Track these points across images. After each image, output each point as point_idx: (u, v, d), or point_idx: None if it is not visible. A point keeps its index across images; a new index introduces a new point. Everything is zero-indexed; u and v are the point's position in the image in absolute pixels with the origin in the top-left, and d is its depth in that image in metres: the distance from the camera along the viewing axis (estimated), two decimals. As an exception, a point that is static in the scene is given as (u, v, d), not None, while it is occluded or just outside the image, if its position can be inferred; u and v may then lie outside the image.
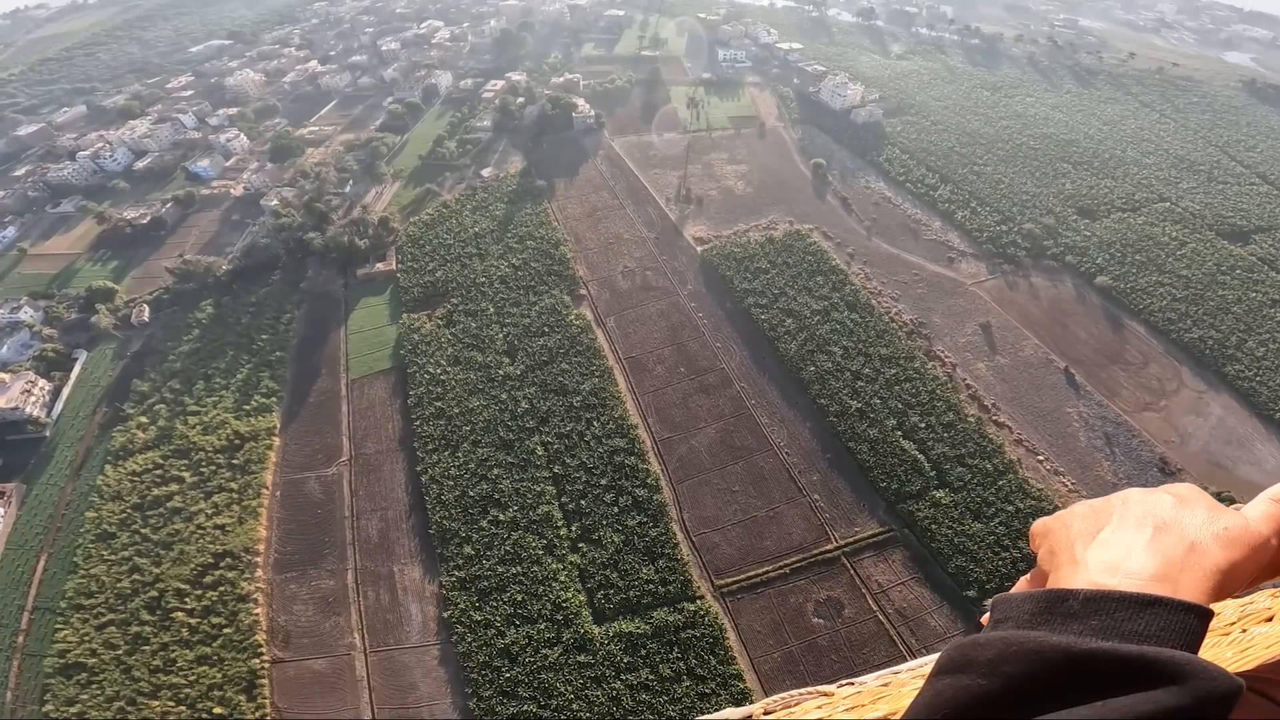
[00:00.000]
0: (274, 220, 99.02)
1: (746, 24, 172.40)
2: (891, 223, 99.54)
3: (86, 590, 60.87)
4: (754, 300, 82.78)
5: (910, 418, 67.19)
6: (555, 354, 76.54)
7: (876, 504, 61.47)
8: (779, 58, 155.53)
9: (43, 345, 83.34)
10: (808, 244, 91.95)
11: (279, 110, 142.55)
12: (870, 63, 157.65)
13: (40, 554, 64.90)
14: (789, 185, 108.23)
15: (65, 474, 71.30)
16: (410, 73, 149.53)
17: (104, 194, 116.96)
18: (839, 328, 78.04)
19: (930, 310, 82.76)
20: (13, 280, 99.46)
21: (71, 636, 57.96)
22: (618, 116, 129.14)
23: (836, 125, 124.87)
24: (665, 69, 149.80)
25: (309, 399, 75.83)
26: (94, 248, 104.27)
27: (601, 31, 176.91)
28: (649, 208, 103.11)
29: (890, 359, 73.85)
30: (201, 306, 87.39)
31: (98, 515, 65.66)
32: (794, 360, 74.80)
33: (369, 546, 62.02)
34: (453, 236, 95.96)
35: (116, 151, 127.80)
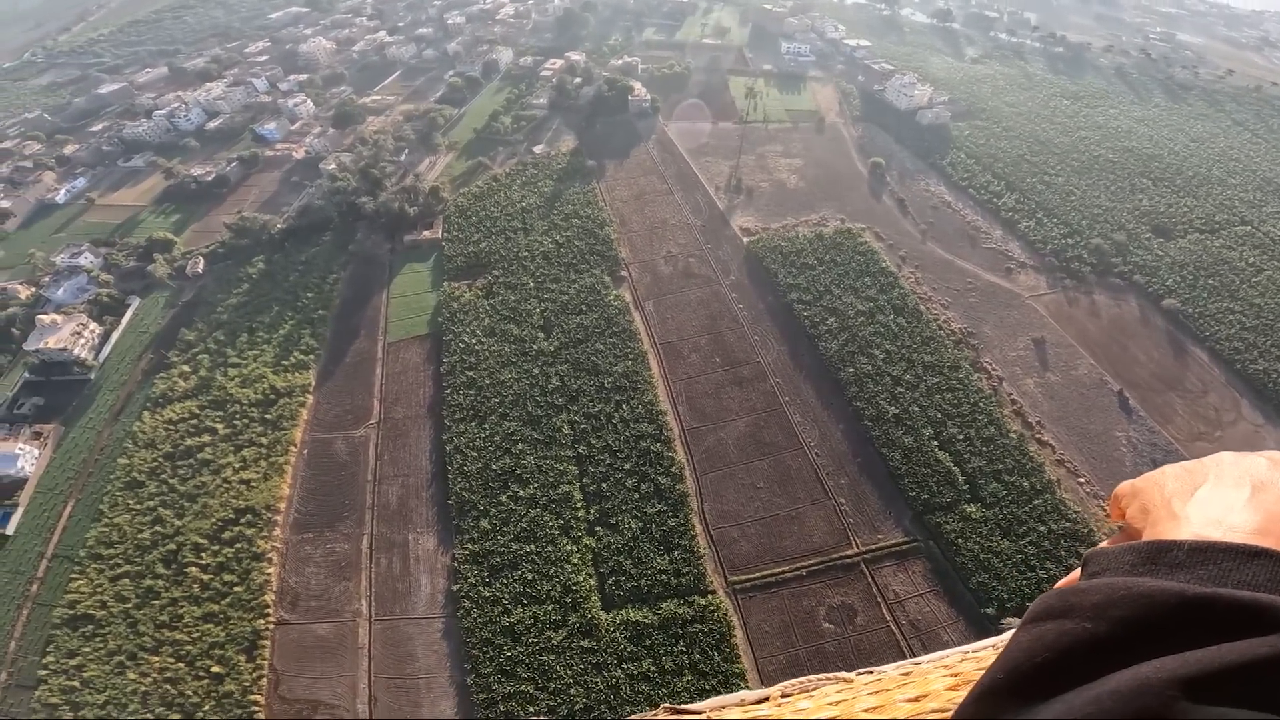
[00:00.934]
0: (330, 183, 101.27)
1: (813, 18, 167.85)
2: (949, 228, 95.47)
3: (108, 540, 61.75)
4: (797, 296, 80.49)
5: (948, 428, 64.48)
6: (591, 333, 75.93)
7: (903, 513, 59.22)
8: (844, 54, 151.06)
9: (99, 290, 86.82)
10: (858, 243, 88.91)
11: (345, 78, 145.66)
12: (941, 65, 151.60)
13: (69, 499, 66.48)
14: (844, 182, 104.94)
15: (104, 418, 73.34)
16: (473, 47, 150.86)
17: (175, 151, 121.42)
18: (883, 331, 75.27)
19: (981, 321, 79.15)
20: (78, 227, 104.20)
21: (85, 587, 58.66)
22: (673, 102, 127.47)
23: (899, 125, 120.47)
24: (725, 58, 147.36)
25: (345, 359, 77.02)
26: (158, 201, 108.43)
27: (664, 17, 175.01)
28: (698, 195, 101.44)
29: (934, 367, 70.92)
30: (253, 262, 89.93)
31: (129, 462, 67.04)
32: (833, 360, 72.44)
33: (387, 513, 62.17)
34: (500, 210, 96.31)
35: (191, 111, 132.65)
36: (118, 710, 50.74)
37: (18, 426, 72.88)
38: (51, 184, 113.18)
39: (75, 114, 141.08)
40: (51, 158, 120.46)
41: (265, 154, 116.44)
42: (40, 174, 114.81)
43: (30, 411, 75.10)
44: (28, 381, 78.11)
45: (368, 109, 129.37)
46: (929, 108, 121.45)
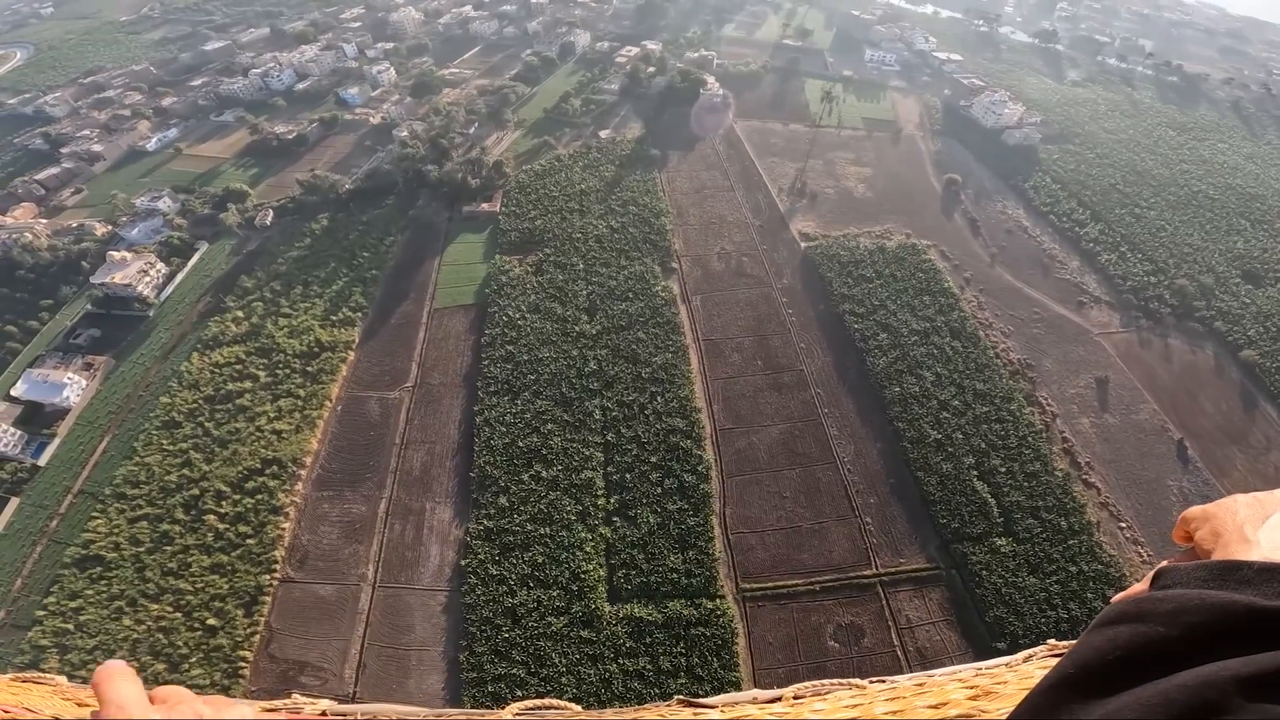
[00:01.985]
0: (400, 149, 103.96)
1: (903, 28, 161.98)
2: (1022, 254, 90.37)
3: (135, 479, 62.80)
4: (850, 307, 77.54)
5: (991, 459, 61.49)
6: (634, 321, 75.04)
7: (930, 539, 56.73)
8: (932, 66, 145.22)
9: (171, 233, 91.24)
10: (921, 260, 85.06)
11: (428, 49, 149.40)
12: (1038, 85, 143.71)
13: (106, 434, 68.54)
14: (913, 196, 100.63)
15: (155, 355, 76.31)
16: (552, 28, 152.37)
17: (263, 109, 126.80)
18: (936, 352, 71.86)
19: (1043, 354, 74.83)
20: (163, 174, 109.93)
21: (103, 527, 59.46)
22: (745, 99, 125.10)
23: (983, 143, 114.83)
24: (805, 60, 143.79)
25: (391, 320, 78.42)
26: (241, 155, 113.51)
27: (746, 14, 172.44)
28: (759, 195, 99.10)
29: (985, 395, 67.52)
30: (318, 219, 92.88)
31: (171, 402, 69.12)
32: (880, 376, 69.52)
33: (409, 478, 62.33)
34: (559, 189, 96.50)
35: (283, 72, 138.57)
36: (104, 655, 50.66)
37: (71, 356, 76.75)
38: (145, 132, 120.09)
39: (179, 68, 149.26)
40: (149, 108, 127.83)
41: (344, 117, 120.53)
42: (136, 122, 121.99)
43: (85, 343, 79.13)
44: (88, 314, 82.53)
45: (445, 81, 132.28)
46: (1017, 127, 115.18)
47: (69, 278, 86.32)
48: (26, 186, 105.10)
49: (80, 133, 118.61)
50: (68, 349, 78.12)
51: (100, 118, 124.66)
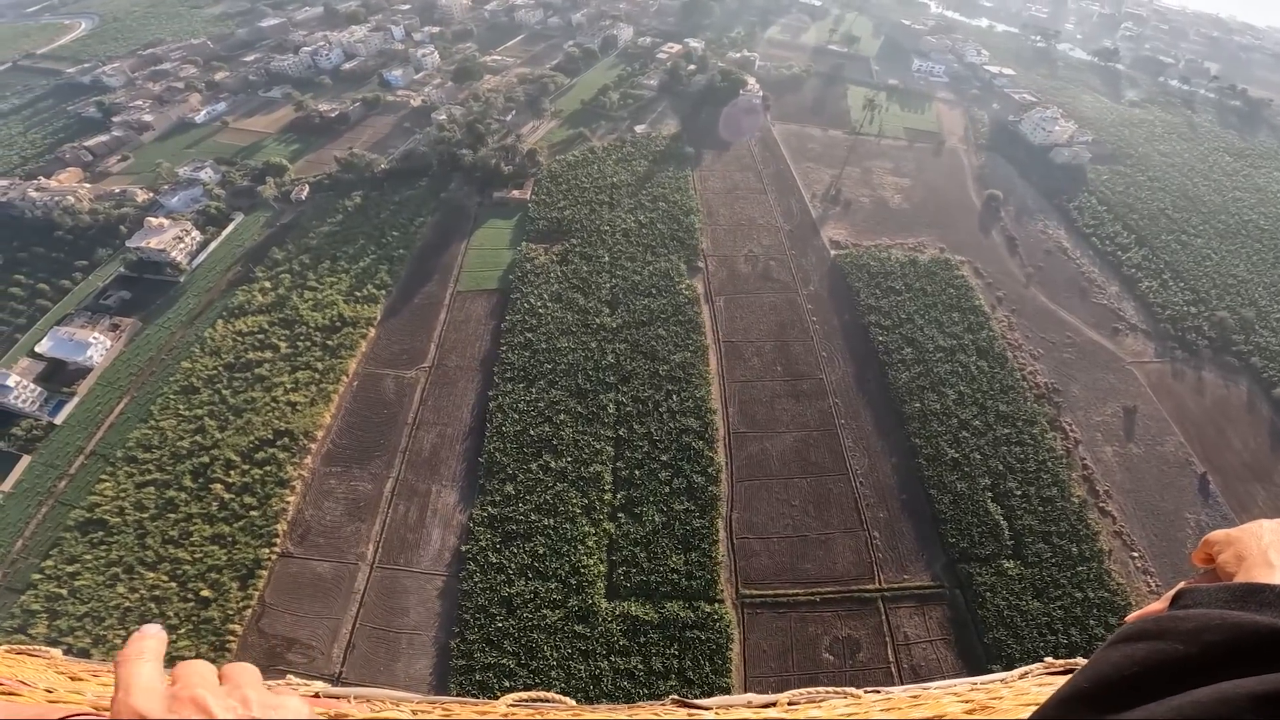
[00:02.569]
0: (437, 132, 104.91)
1: (954, 39, 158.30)
2: (1059, 276, 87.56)
3: (148, 443, 63.20)
4: (876, 319, 75.88)
5: (1007, 482, 60.33)
6: (656, 317, 74.50)
7: (936, 557, 55.73)
8: (982, 80, 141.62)
9: (209, 202, 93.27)
10: (954, 275, 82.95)
11: (473, 35, 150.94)
12: (1093, 103, 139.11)
13: (125, 396, 69.35)
14: (951, 211, 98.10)
15: (181, 320, 77.77)
16: (595, 21, 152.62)
17: (309, 87, 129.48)
18: (961, 371, 70.19)
19: (1071, 379, 72.74)
20: (208, 145, 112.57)
21: (110, 490, 59.61)
22: (785, 103, 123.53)
23: (1029, 160, 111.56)
24: (849, 67, 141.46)
25: (414, 300, 79.06)
26: (284, 130, 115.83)
27: (791, 17, 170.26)
28: (792, 199, 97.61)
29: (1007, 417, 65.97)
30: (352, 196, 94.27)
31: (191, 367, 70.10)
32: (900, 391, 68.02)
33: (418, 459, 62.37)
34: (590, 181, 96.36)
35: (332, 51, 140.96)
36: (93, 623, 51.12)
37: (99, 316, 78.73)
38: (195, 105, 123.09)
39: (235, 44, 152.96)
40: (202, 81, 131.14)
41: (386, 98, 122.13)
42: (188, 95, 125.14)
43: (115, 304, 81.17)
44: (121, 276, 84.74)
45: (487, 67, 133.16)
46: (1067, 146, 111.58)
47: (106, 241, 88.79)
48: (74, 152, 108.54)
49: (133, 103, 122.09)
50: (97, 309, 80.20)
51: (155, 89, 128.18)
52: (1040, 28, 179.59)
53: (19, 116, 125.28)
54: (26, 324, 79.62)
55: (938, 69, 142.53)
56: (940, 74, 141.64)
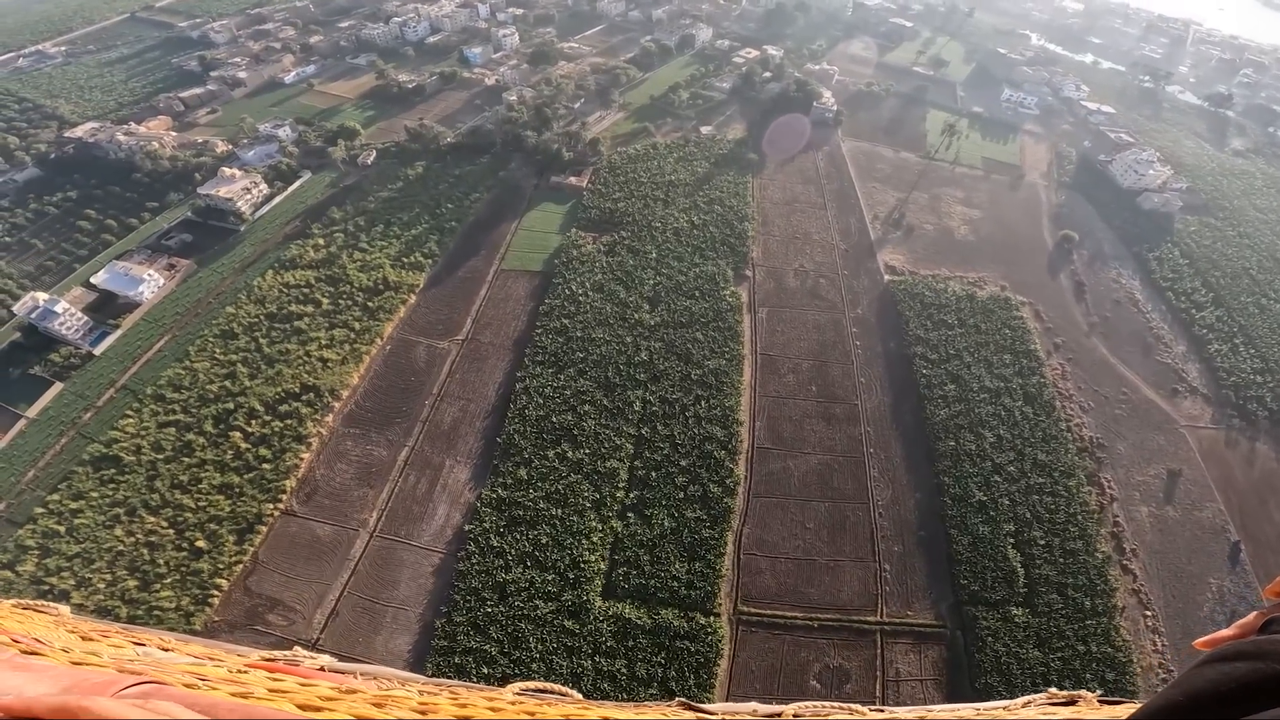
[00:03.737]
0: (505, 112, 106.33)
1: (1053, 71, 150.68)
2: (1125, 328, 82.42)
3: (179, 383, 64.24)
4: (922, 351, 72.82)
5: (1032, 530, 58.27)
6: (695, 320, 73.45)
7: (944, 597, 53.93)
8: (1077, 115, 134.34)
9: (282, 159, 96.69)
10: (1012, 316, 78.96)
11: (554, 20, 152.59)
12: (1193, 150, 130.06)
13: (166, 334, 71.12)
14: (1019, 248, 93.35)
15: (234, 267, 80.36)
16: (676, 18, 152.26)
17: (393, 57, 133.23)
18: (1003, 415, 67.11)
19: (1119, 436, 68.89)
20: (291, 105, 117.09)
21: (131, 427, 60.41)
22: (859, 120, 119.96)
23: (1113, 203, 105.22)
24: (933, 90, 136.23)
25: (458, 272, 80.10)
26: (363, 97, 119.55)
27: (879, 35, 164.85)
28: (851, 218, 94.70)
29: (1044, 467, 63.17)
30: (415, 165, 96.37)
31: (235, 312, 71.99)
32: (937, 427, 65.36)
33: (437, 431, 62.50)
34: (648, 176, 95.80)
35: (420, 24, 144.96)
36: (82, 565, 51.52)
37: (158, 255, 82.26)
38: (287, 65, 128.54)
39: (334, 9, 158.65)
40: (298, 44, 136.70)
41: (463, 74, 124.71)
42: (282, 56, 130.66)
43: (176, 245, 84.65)
44: (186, 220, 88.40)
45: (562, 53, 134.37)
46: (1157, 191, 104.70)
47: (179, 186, 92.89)
48: (168, 102, 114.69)
49: (232, 59, 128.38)
50: (157, 248, 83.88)
51: (254, 48, 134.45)
52: (1151, 68, 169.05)
53: (125, 65, 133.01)
54: (88, 256, 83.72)
55: (1029, 100, 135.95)
56: (1031, 105, 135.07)
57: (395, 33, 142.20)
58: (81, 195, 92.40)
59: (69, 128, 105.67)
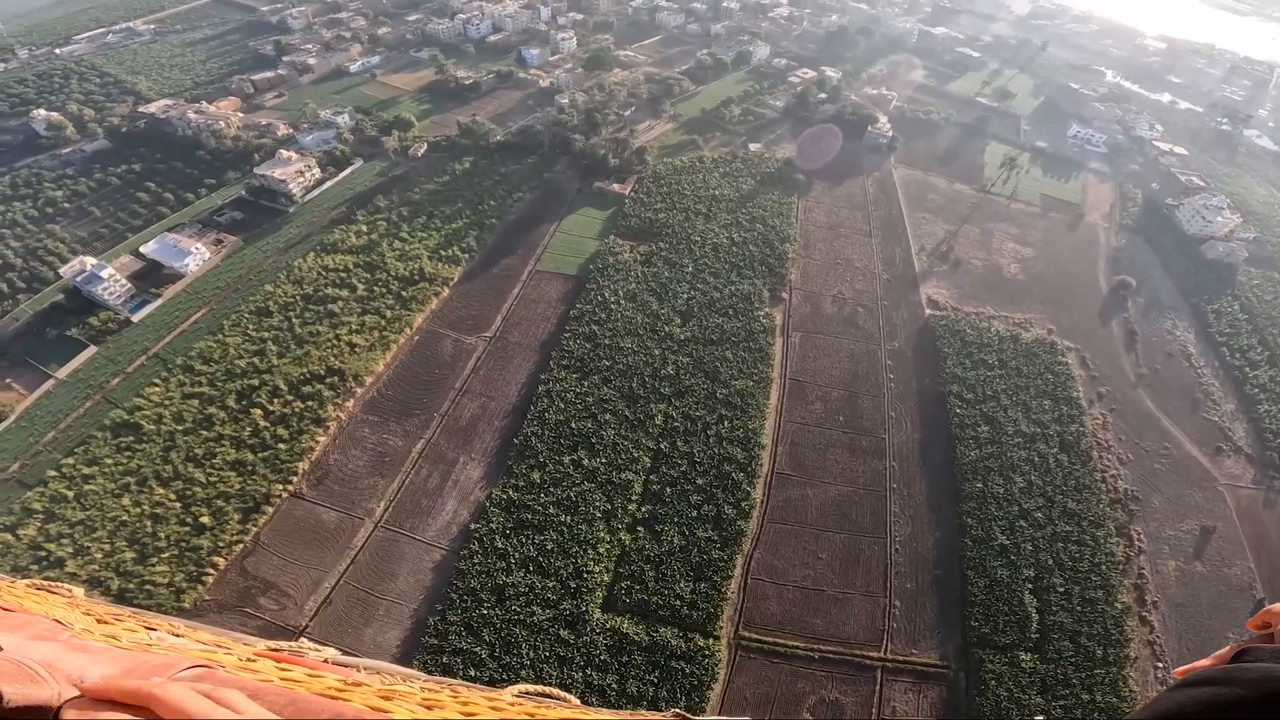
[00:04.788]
0: (556, 114, 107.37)
1: (1125, 109, 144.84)
2: (1174, 381, 78.57)
3: (209, 355, 65.38)
4: (958, 389, 70.41)
5: (1052, 577, 56.56)
6: (726, 338, 72.52)
7: (952, 638, 52.37)
8: (1147, 156, 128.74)
9: (337, 145, 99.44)
10: (1056, 361, 75.88)
11: (612, 28, 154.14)
12: (1265, 198, 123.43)
13: (204, 307, 72.81)
14: (1071, 291, 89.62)
15: (278, 247, 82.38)
16: (734, 34, 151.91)
17: (454, 53, 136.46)
18: (1037, 461, 64.79)
19: (1155, 490, 66.20)
20: (353, 94, 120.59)
21: (156, 396, 61.22)
22: (914, 148, 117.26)
23: (1176, 250, 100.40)
24: (996, 122, 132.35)
25: (492, 269, 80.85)
26: (421, 90, 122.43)
27: (943, 64, 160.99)
28: (897, 248, 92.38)
29: (1073, 515, 61.14)
30: (462, 160, 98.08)
31: (272, 290, 73.58)
32: (965, 468, 63.31)
33: (454, 427, 62.57)
34: (692, 189, 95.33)
35: (483, 23, 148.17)
36: (83, 533, 51.97)
37: (208, 230, 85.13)
38: (354, 55, 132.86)
39: (404, 2, 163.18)
40: (367, 35, 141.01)
41: (519, 74, 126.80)
42: (351, 45, 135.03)
43: (226, 222, 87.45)
44: (240, 199, 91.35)
45: (618, 60, 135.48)
46: (1223, 240, 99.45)
47: (239, 166, 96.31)
48: (240, 84, 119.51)
49: (304, 45, 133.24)
50: (208, 223, 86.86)
51: (326, 36, 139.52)
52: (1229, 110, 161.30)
53: (206, 46, 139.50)
54: (141, 226, 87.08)
55: (1097, 138, 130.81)
56: (1098, 143, 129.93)
57: (459, 29, 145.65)
58: (145, 168, 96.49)
59: (144, 103, 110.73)
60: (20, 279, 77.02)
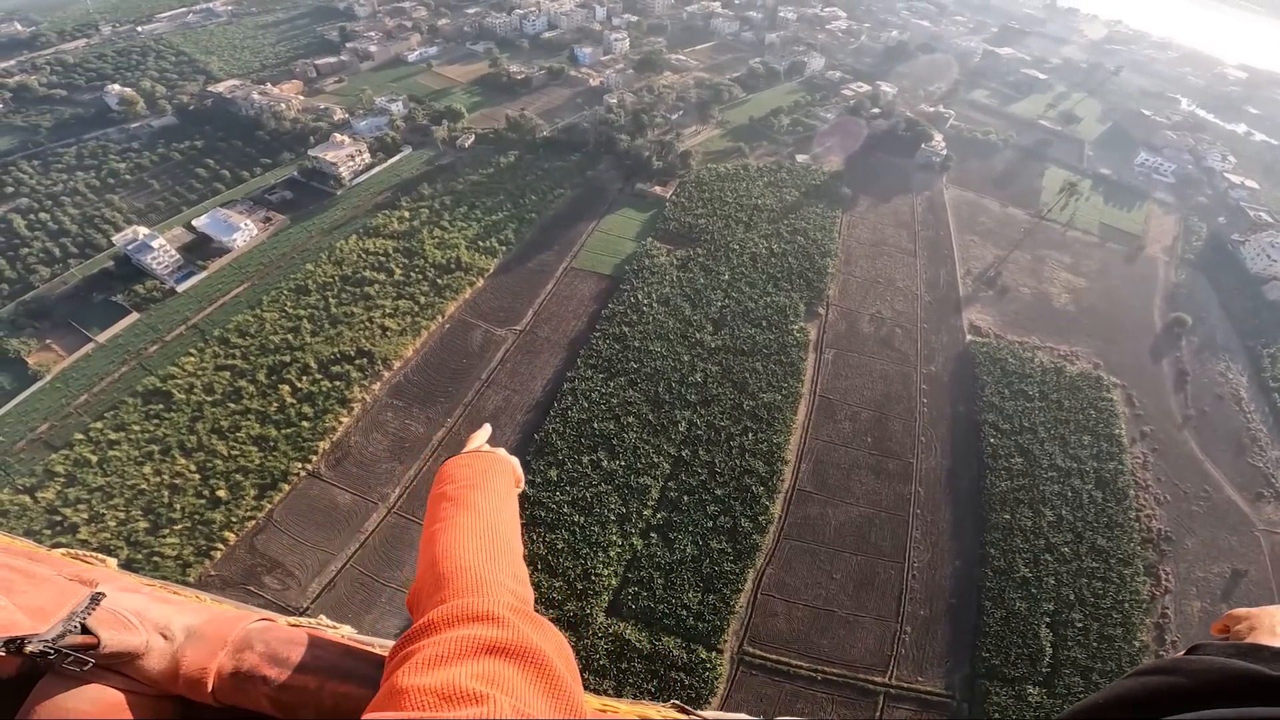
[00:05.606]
0: (603, 113, 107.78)
1: (1198, 139, 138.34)
2: (1221, 425, 74.77)
3: (244, 329, 66.53)
4: (994, 419, 68.10)
5: (1071, 613, 54.93)
6: (758, 349, 71.45)
7: (960, 668, 50.99)
8: (1217, 188, 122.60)
9: (389, 132, 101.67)
10: (1101, 397, 72.82)
11: (665, 31, 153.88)
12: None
13: (245, 282, 74.46)
14: (1123, 326, 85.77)
15: (323, 228, 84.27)
16: (789, 44, 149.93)
17: (508, 47, 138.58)
18: (1069, 496, 62.72)
19: (1189, 531, 63.61)
20: (408, 83, 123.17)
21: (190, 365, 62.25)
22: (968, 168, 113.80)
23: (1238, 289, 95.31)
24: (1058, 146, 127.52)
25: (528, 263, 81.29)
26: (473, 83, 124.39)
27: (1006, 85, 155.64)
28: (942, 270, 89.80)
29: (1101, 552, 59.21)
30: (508, 154, 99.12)
31: (313, 269, 75.19)
32: (994, 499, 61.42)
33: (477, 417, 62.45)
34: (734, 197, 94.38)
35: (539, 19, 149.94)
36: (100, 500, 52.46)
37: (258, 207, 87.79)
38: (413, 45, 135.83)
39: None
40: (426, 25, 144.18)
41: (569, 72, 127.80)
42: (411, 35, 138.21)
43: (276, 200, 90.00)
44: (292, 179, 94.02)
45: (669, 64, 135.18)
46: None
47: (294, 147, 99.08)
48: (304, 68, 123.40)
49: (366, 33, 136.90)
50: (259, 201, 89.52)
51: (388, 25, 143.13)
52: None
53: (277, 29, 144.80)
54: (196, 200, 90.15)
55: (1165, 167, 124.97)
56: (1166, 172, 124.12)
57: (515, 24, 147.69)
58: (206, 145, 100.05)
59: (213, 83, 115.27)
60: (74, 244, 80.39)
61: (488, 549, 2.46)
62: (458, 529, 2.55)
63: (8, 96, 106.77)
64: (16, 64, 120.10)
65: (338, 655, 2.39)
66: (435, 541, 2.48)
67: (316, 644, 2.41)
